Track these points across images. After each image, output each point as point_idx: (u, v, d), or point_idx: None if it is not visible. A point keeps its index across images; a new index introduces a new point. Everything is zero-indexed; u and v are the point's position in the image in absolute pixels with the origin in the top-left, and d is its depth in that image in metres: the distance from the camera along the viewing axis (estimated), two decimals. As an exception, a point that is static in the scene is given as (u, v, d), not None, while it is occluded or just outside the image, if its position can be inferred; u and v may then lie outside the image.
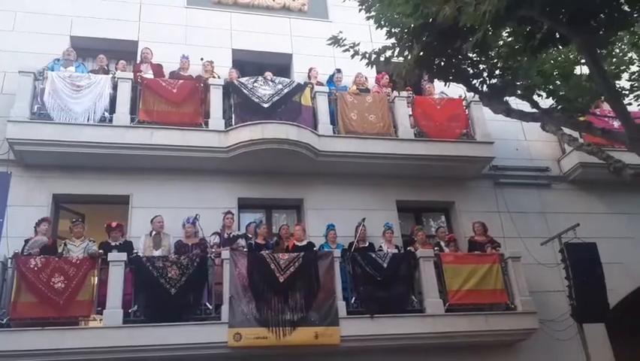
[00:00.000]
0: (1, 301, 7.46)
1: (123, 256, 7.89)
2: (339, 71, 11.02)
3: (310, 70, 11.03)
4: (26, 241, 8.04)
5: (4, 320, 7.36)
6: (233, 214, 9.04)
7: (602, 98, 8.98)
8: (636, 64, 8.78)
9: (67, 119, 8.91)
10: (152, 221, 8.66)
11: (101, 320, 7.65)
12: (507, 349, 9.12)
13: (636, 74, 8.52)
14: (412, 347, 8.50)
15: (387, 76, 10.65)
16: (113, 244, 8.32)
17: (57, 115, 8.91)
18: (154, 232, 8.61)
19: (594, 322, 9.01)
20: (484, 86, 8.41)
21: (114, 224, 8.49)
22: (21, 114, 8.78)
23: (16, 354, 7.24)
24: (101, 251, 7.98)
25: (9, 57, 9.76)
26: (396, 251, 9.13)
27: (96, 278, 7.76)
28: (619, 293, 9.93)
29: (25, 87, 9.01)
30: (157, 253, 8.32)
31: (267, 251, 8.57)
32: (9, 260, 7.69)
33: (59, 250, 8.07)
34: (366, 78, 10.98)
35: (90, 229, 8.67)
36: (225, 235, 8.74)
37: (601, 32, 6.76)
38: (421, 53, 7.35)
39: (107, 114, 9.16)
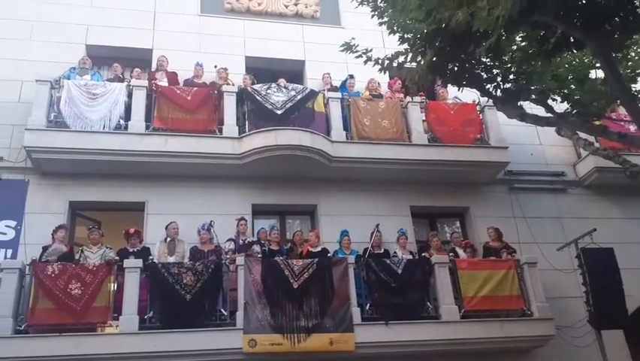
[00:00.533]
0: (20, 307, 7.53)
1: (139, 262, 7.94)
2: (351, 76, 11.02)
3: (323, 76, 11.06)
4: (44, 248, 8.13)
5: (22, 326, 7.44)
6: (246, 220, 9.06)
7: (618, 102, 8.88)
8: (652, 67, 8.69)
9: (84, 127, 9.02)
10: (166, 227, 8.72)
11: (117, 326, 7.70)
12: (523, 355, 9.04)
13: (652, 77, 8.43)
14: (427, 354, 8.44)
15: (400, 81, 10.64)
16: (130, 250, 8.37)
17: (73, 123, 9.02)
18: (169, 239, 8.66)
19: (612, 328, 8.88)
20: (498, 91, 8.35)
21: (132, 230, 8.55)
22: (38, 122, 8.91)
23: (34, 360, 7.30)
24: (117, 258, 8.04)
25: (26, 66, 9.92)
26: (410, 257, 9.09)
27: (112, 285, 7.82)
28: (637, 299, 9.78)
29: (42, 96, 9.14)
30: (171, 259, 8.36)
31: (281, 257, 8.58)
32: (27, 267, 7.77)
33: (76, 257, 8.14)
34: (378, 84, 10.97)
35: (105, 236, 8.74)
36: (240, 242, 8.77)
37: (616, 36, 6.69)
38: (434, 58, 7.31)
39: (122, 122, 9.25)
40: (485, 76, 8.23)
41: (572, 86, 8.62)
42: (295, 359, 7.97)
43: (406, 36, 7.60)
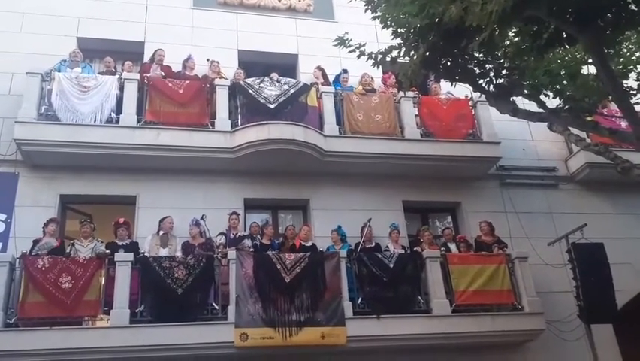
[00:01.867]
0: (10, 301, 7.49)
1: (130, 256, 7.91)
2: (345, 71, 11.01)
3: (314, 71, 11.03)
4: (35, 242, 8.08)
5: (12, 320, 7.40)
6: (238, 215, 9.04)
7: (610, 97, 8.94)
8: (644, 63, 8.73)
9: (75, 120, 8.96)
10: (161, 221, 8.68)
11: (107, 319, 7.67)
12: (514, 350, 9.09)
13: (644, 73, 8.49)
14: (418, 348, 8.48)
15: (393, 76, 10.63)
16: (120, 244, 8.34)
17: (64, 116, 8.95)
18: (162, 232, 8.62)
19: (602, 323, 8.96)
20: (491, 86, 8.38)
21: (121, 220, 8.52)
22: (28, 115, 8.83)
23: (24, 354, 7.27)
24: (108, 251, 8.01)
25: (16, 58, 9.81)
26: (402, 251, 9.11)
27: (103, 278, 7.78)
28: (627, 294, 9.87)
29: (33, 88, 9.06)
30: (163, 251, 8.33)
31: (273, 251, 8.57)
32: (17, 260, 7.72)
33: (67, 251, 8.09)
34: (372, 78, 10.94)
35: (97, 230, 8.69)
36: (231, 236, 8.75)
37: (608, 32, 6.73)
38: (427, 53, 7.33)
39: (113, 115, 9.19)
40: (478, 71, 8.25)
41: (564, 81, 8.66)
42: (287, 352, 7.99)
43: (399, 30, 7.60)
